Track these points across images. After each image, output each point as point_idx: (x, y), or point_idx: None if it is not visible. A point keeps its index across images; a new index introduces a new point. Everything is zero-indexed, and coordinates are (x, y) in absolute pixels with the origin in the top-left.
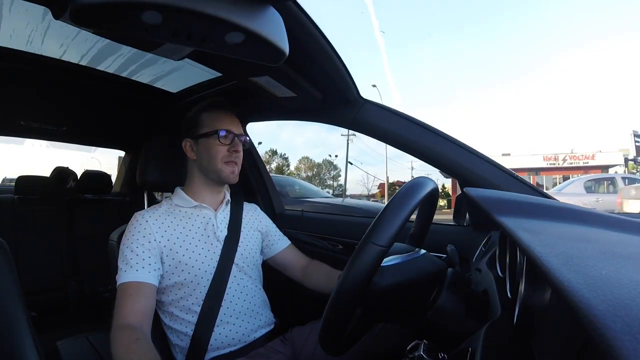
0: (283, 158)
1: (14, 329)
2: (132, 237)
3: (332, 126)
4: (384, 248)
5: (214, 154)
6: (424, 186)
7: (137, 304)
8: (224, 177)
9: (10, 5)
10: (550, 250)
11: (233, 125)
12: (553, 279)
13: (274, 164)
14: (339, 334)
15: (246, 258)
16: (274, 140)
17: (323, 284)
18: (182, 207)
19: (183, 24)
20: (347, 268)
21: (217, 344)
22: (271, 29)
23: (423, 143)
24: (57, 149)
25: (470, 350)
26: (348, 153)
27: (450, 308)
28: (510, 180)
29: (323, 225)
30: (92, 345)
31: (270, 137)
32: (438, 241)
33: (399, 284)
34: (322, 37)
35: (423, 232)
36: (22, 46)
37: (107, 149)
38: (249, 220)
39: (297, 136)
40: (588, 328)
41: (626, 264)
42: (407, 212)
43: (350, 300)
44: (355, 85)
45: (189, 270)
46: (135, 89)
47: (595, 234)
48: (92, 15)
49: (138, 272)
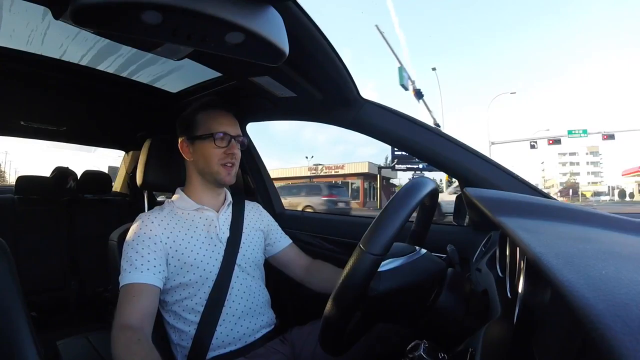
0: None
1: (14, 329)
2: (137, 238)
3: None
4: (379, 257)
5: (210, 157)
6: (422, 188)
7: (139, 305)
8: (220, 179)
9: (10, 5)
10: (550, 250)
11: (230, 126)
12: (553, 279)
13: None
14: (339, 335)
15: (248, 258)
16: (296, 139)
17: (328, 283)
18: (184, 209)
19: (183, 24)
20: (342, 276)
21: (218, 343)
22: (271, 29)
23: (423, 143)
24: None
25: (470, 350)
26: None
27: (450, 308)
28: (510, 180)
29: (323, 225)
30: (92, 345)
31: (292, 135)
32: (438, 241)
33: (398, 288)
34: (322, 37)
35: (423, 230)
36: (22, 46)
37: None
38: (250, 220)
39: (319, 134)
40: (588, 328)
41: (626, 264)
42: (404, 217)
43: (347, 306)
44: (355, 85)
45: (194, 271)
46: (135, 89)
47: (595, 234)
48: (92, 15)
49: (143, 273)
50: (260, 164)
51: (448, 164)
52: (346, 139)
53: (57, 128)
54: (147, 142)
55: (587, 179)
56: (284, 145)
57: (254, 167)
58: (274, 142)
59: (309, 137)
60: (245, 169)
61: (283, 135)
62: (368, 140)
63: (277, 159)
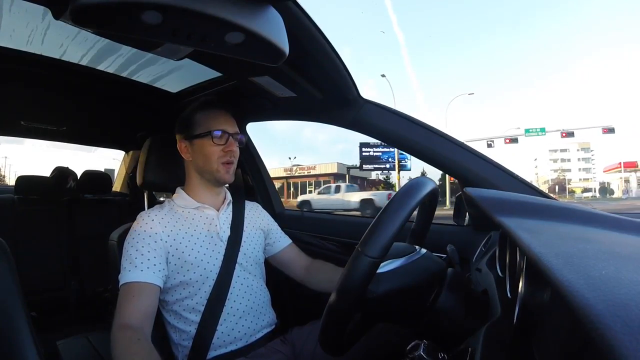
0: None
1: (14, 329)
2: (137, 236)
3: None
4: (377, 260)
5: (209, 155)
6: (421, 188)
7: (139, 304)
8: (219, 177)
9: (10, 5)
10: (550, 250)
11: (227, 125)
12: (553, 279)
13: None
14: (339, 335)
15: (249, 257)
16: (296, 139)
17: (328, 283)
18: (184, 208)
19: (183, 24)
20: (340, 279)
21: (219, 342)
22: (271, 29)
23: (423, 143)
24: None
25: (470, 350)
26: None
27: (450, 308)
28: (510, 180)
29: (323, 225)
30: (92, 345)
31: (291, 135)
32: (438, 241)
33: (397, 290)
34: (322, 37)
35: (424, 230)
36: (22, 46)
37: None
38: (251, 219)
39: (318, 133)
40: (588, 328)
41: (626, 264)
42: (403, 219)
43: (346, 309)
44: (355, 85)
45: (194, 270)
46: (135, 89)
47: (595, 234)
48: (92, 15)
49: (143, 272)
50: (260, 163)
51: (448, 163)
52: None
53: (57, 128)
54: (147, 141)
55: (579, 175)
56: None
57: (253, 166)
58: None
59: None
60: (245, 169)
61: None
62: (366, 138)
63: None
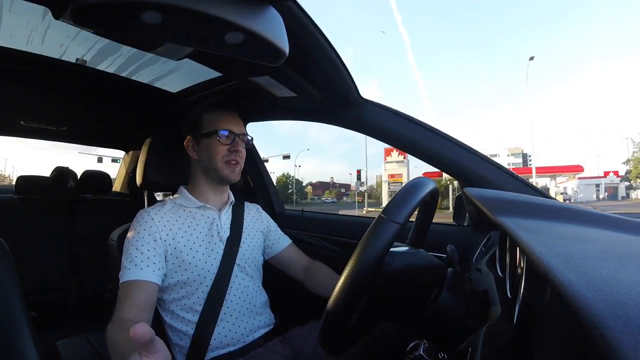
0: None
1: (14, 329)
2: (137, 234)
3: None
4: (400, 225)
5: (214, 154)
6: (429, 181)
7: (137, 300)
8: (224, 177)
9: (10, 5)
10: (550, 250)
11: (234, 125)
12: (553, 279)
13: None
14: (340, 330)
15: (248, 258)
16: (300, 138)
17: (322, 286)
18: (186, 207)
19: (183, 24)
20: (362, 242)
21: (216, 343)
22: (271, 29)
23: (423, 143)
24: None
25: (470, 350)
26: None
27: (450, 308)
28: (510, 180)
29: (323, 225)
30: (92, 345)
31: (296, 134)
32: (438, 241)
33: (409, 268)
34: (322, 37)
35: (424, 230)
36: (22, 46)
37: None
38: (250, 221)
39: (323, 132)
40: (588, 328)
41: (626, 264)
42: (420, 197)
43: (364, 276)
44: (355, 85)
45: (192, 269)
46: (135, 89)
47: (595, 234)
48: (92, 15)
49: (143, 270)
50: (261, 164)
51: (448, 163)
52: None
53: (57, 128)
54: (147, 141)
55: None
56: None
57: (254, 167)
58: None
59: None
60: (245, 169)
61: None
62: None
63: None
